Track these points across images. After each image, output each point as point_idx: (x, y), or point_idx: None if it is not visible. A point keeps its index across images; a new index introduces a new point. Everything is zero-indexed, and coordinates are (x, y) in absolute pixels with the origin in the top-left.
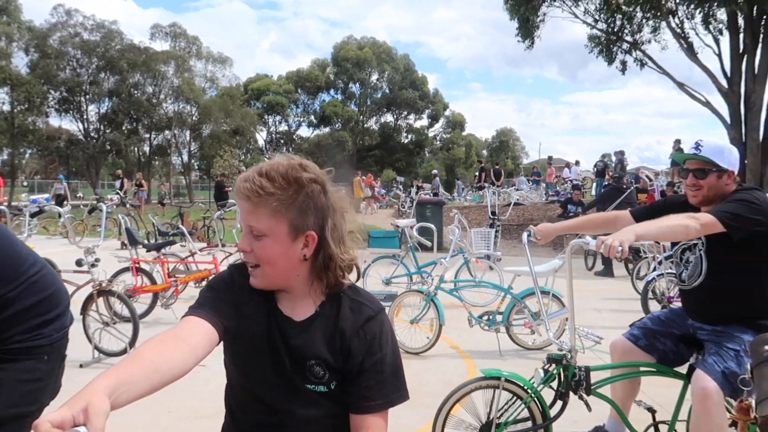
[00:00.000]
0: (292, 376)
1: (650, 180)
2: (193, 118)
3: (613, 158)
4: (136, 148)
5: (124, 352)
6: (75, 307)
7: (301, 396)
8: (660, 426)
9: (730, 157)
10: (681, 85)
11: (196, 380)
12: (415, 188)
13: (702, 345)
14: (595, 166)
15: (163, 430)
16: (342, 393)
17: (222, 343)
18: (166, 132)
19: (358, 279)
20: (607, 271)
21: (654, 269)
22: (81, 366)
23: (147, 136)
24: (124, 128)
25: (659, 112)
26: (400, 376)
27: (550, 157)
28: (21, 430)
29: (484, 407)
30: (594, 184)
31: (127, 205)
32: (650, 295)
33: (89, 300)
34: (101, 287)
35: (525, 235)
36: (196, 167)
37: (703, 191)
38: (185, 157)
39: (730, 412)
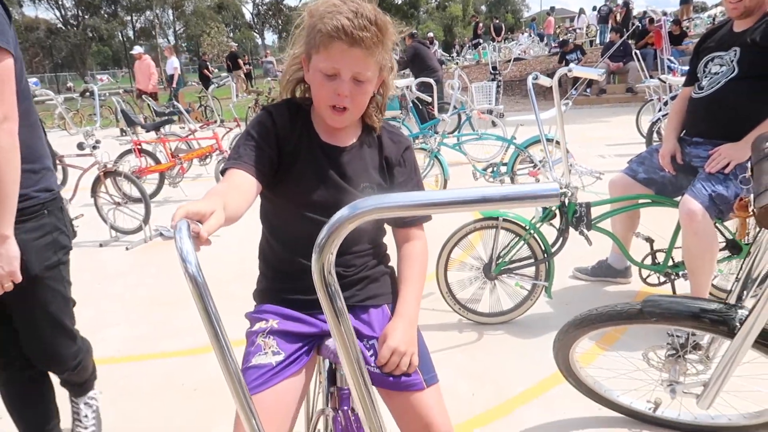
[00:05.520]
0: (345, 196)
1: (655, 16)
2: None
3: (619, 2)
4: (119, 33)
5: (139, 229)
6: (85, 192)
7: None
8: (657, 254)
9: None
10: None
11: None
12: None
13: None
14: (599, 11)
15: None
16: None
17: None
18: (148, 13)
19: None
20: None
21: (659, 110)
22: (101, 245)
23: (128, 18)
24: (103, 12)
25: None
26: None
27: (552, 8)
28: (61, 276)
29: (487, 250)
30: (598, 31)
31: (121, 91)
32: (655, 136)
33: (97, 182)
34: (106, 168)
35: (530, 78)
36: (185, 48)
37: (744, 2)
38: (171, 39)
39: (724, 236)
